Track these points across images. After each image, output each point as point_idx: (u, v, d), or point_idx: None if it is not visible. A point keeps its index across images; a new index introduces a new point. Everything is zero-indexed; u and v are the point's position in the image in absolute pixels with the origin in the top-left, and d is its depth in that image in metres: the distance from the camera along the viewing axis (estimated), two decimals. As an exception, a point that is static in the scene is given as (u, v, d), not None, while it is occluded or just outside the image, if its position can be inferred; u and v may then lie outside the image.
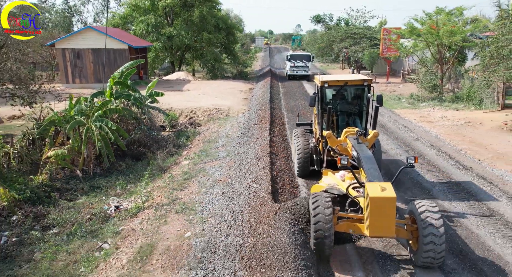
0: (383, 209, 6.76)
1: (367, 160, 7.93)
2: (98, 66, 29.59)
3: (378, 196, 6.75)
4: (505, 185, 11.22)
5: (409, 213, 7.62)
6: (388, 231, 6.92)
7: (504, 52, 16.11)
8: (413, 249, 7.43)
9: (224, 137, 17.30)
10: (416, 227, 7.21)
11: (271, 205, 8.95)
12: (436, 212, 6.98)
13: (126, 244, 9.07)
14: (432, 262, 6.97)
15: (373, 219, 6.84)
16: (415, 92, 27.06)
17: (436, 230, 6.74)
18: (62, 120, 15.41)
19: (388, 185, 7.00)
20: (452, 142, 15.80)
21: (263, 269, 6.59)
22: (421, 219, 6.95)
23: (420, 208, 7.10)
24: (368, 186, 7.06)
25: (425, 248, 6.83)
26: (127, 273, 7.74)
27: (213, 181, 11.95)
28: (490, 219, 9.21)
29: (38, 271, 8.47)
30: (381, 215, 6.78)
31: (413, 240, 7.45)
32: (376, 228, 6.91)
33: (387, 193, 6.78)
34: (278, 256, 7.12)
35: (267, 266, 6.78)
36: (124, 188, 13.56)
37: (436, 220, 6.84)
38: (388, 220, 6.82)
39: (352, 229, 7.56)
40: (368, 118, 10.57)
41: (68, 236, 10.10)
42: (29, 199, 12.27)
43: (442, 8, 25.74)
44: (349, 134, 9.69)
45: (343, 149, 9.70)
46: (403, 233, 7.48)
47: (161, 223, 9.77)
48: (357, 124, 10.80)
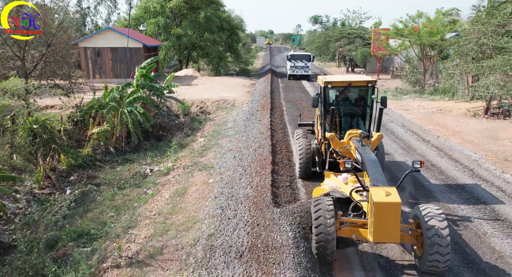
0: (387, 215, 6.61)
1: (372, 163, 7.71)
2: (116, 63, 32.94)
3: (383, 201, 6.58)
4: (451, 151, 14.57)
5: (414, 217, 7.47)
6: (393, 237, 6.76)
7: (463, 50, 19.44)
8: (418, 254, 7.28)
9: (232, 121, 20.63)
10: (421, 232, 7.06)
11: (271, 159, 12.32)
12: (441, 217, 6.89)
13: (165, 189, 12.42)
14: (437, 266, 6.82)
15: (377, 224, 6.69)
16: (400, 86, 30.40)
17: (441, 236, 6.65)
18: (99, 106, 18.72)
19: (393, 190, 6.83)
20: (421, 124, 19.13)
21: (265, 190, 9.95)
22: (426, 223, 6.85)
23: (425, 213, 7.00)
24: (372, 190, 6.84)
25: (430, 253, 6.73)
26: (170, 202, 11.09)
27: (226, 150, 15.27)
28: (432, 168, 12.54)
29: (104, 206, 11.80)
30: (386, 220, 6.63)
31: (418, 245, 7.29)
32: (380, 234, 6.75)
33: (391, 198, 6.62)
34: (276, 189, 10.48)
35: (267, 189, 10.16)
36: (152, 159, 16.86)
37: (442, 226, 6.74)
38: (392, 225, 6.67)
39: (355, 235, 7.38)
40: (372, 120, 10.39)
41: (118, 188, 13.43)
42: (81, 165, 15.56)
43: (422, 12, 29.10)
44: (352, 136, 9.45)
45: (346, 152, 9.54)
46: (408, 238, 7.31)
47: (189, 176, 13.09)
48: (361, 126, 10.60)
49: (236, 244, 7.72)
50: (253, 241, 7.64)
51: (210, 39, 40.09)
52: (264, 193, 9.80)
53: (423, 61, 30.60)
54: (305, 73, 36.32)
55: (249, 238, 7.80)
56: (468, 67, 18.97)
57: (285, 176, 11.60)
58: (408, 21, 30.66)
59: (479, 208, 9.92)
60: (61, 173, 15.11)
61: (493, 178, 11.85)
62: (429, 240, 6.68)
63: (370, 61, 43.60)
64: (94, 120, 18.75)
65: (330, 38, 48.17)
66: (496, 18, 18.79)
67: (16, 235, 9.82)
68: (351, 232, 7.39)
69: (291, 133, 16.86)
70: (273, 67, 51.39)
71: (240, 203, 9.66)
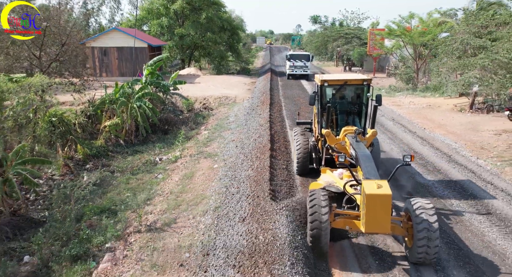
0: (378, 206, 6.88)
1: (365, 158, 8.02)
2: (121, 62, 34.34)
3: (374, 193, 6.86)
4: (434, 141, 16.00)
5: (405, 210, 7.73)
6: (384, 227, 7.04)
7: (448, 49, 20.85)
8: (408, 246, 7.55)
9: (234, 116, 22.04)
10: (412, 224, 7.33)
11: (270, 146, 13.73)
12: (431, 211, 7.16)
13: (175, 173, 13.82)
14: (426, 258, 7.14)
15: (369, 215, 6.97)
16: (393, 84, 31.81)
17: (431, 229, 6.95)
18: (109, 101, 20.12)
19: (384, 183, 7.11)
20: (410, 118, 20.54)
21: (264, 170, 11.37)
22: (416, 216, 7.13)
23: (416, 206, 7.30)
24: (365, 183, 7.14)
25: (419, 245, 7.03)
26: (180, 184, 12.50)
27: (228, 141, 16.68)
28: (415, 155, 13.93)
29: (120, 188, 13.20)
30: (377, 211, 6.90)
31: (409, 237, 7.55)
32: (372, 225, 7.03)
33: (383, 190, 6.90)
34: (274, 170, 11.89)
35: (266, 169, 11.57)
36: (160, 149, 18.26)
37: (432, 220, 7.02)
38: (383, 216, 6.94)
39: (348, 226, 7.67)
40: (367, 117, 10.63)
41: (132, 173, 14.83)
42: (95, 155, 16.94)
43: (414, 13, 30.52)
44: (347, 133, 9.73)
45: (341, 148, 9.79)
46: (399, 230, 7.61)
47: (196, 163, 14.50)
48: (356, 123, 10.82)
49: (239, 212, 9.14)
50: (253, 208, 9.05)
51: (212, 39, 41.48)
52: (263, 173, 11.22)
53: (416, 60, 32.01)
54: (304, 72, 36.76)
55: (250, 207, 9.22)
56: (453, 64, 20.38)
57: (282, 160, 13.02)
58: (401, 21, 32.09)
59: (450, 185, 11.37)
60: (77, 161, 16.52)
61: (467, 163, 13.27)
62: (419, 232, 6.99)
63: (367, 60, 45.02)
64: (106, 114, 20.18)
65: (328, 38, 49.59)
66: (479, 20, 20.19)
67: (49, 210, 11.23)
68: (345, 224, 7.70)
69: (288, 126, 18.27)
70: (273, 66, 52.79)
71: (242, 182, 11.08)
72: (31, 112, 16.31)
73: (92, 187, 11.73)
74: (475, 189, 11.11)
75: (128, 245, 8.89)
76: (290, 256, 7.07)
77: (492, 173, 12.25)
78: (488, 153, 14.10)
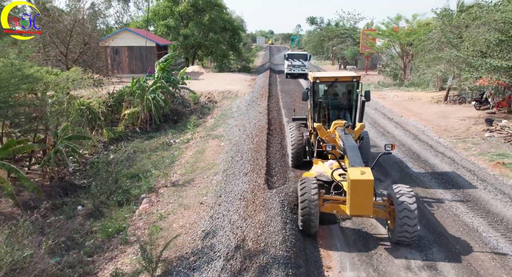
0: (362, 190, 7.46)
1: (351, 148, 8.74)
2: (132, 60, 37.18)
3: (358, 178, 7.44)
4: (407, 125, 18.86)
5: (388, 196, 8.36)
6: (366, 210, 7.66)
7: (426, 47, 23.68)
8: (390, 227, 8.20)
9: (236, 107, 24.86)
10: (393, 208, 7.94)
11: (267, 127, 16.58)
12: (410, 195, 7.80)
13: (188, 150, 16.65)
14: (406, 237, 7.77)
15: (353, 199, 7.56)
16: (382, 80, 34.65)
17: (410, 211, 7.56)
18: (128, 93, 22.94)
19: (367, 170, 7.70)
20: (390, 108, 23.37)
21: (262, 143, 14.21)
22: (398, 201, 7.72)
23: (397, 191, 7.91)
24: (350, 170, 7.76)
25: (400, 224, 7.63)
26: (194, 157, 15.32)
27: (232, 126, 19.50)
28: (387, 135, 16.76)
29: (143, 161, 16.02)
30: (360, 195, 7.48)
31: (391, 219, 8.19)
32: (356, 207, 7.63)
33: (366, 176, 7.48)
34: (270, 143, 14.73)
35: (264, 142, 14.42)
36: (173, 134, 21.06)
37: (411, 202, 7.66)
38: (366, 200, 7.53)
39: (336, 210, 8.29)
40: (357, 112, 11.22)
41: (151, 151, 17.65)
42: (117, 138, 19.75)
43: (401, 15, 33.40)
44: (337, 126, 10.37)
45: (331, 140, 10.46)
46: (382, 214, 8.23)
47: (205, 142, 17.32)
48: (347, 118, 11.44)
49: (243, 170, 11.98)
50: (254, 166, 11.90)
51: (214, 39, 44.32)
52: (261, 145, 14.06)
53: (403, 58, 34.84)
54: (302, 71, 37.57)
55: (251, 166, 12.06)
56: (427, 59, 23.22)
57: (277, 137, 15.88)
58: (389, 23, 34.93)
59: (409, 154, 14.29)
60: (103, 143, 19.37)
61: (430, 141, 16.11)
62: (400, 213, 7.61)
63: (360, 58, 47.83)
64: (125, 104, 23.01)
65: (324, 37, 52.40)
66: (452, 21, 22.99)
67: (86, 179, 14.07)
68: (333, 208, 8.35)
69: (284, 114, 21.10)
70: (272, 65, 55.58)
71: (245, 153, 13.91)
72: (66, 101, 19.18)
73: (125, 155, 14.52)
74: (428, 156, 13.99)
75: (158, 195, 11.73)
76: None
77: (447, 147, 15.10)
78: (449, 134, 16.95)
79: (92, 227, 10.35)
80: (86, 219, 10.91)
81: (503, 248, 8.11)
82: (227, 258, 7.09)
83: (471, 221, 9.27)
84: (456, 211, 9.79)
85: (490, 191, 10.95)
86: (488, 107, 21.17)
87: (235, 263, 6.79)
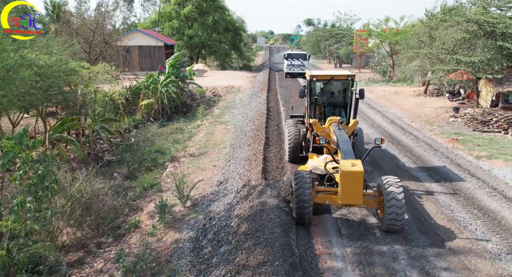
0: (352, 181, 7.84)
1: (343, 142, 9.12)
2: (142, 58, 40.25)
3: (349, 170, 7.83)
4: (386, 113, 21.91)
5: (377, 187, 8.70)
6: (357, 199, 8.07)
7: (407, 46, 26.72)
8: (380, 216, 8.63)
9: (239, 100, 27.91)
10: (382, 198, 8.32)
11: (266, 113, 19.65)
12: (398, 186, 8.15)
13: (200, 132, 19.70)
14: (395, 224, 8.17)
15: (344, 189, 7.94)
16: (372, 77, 37.71)
17: (398, 200, 7.96)
18: (144, 87, 25.98)
19: (358, 162, 8.07)
20: (376, 100, 26.40)
21: (262, 124, 17.26)
22: (386, 191, 8.09)
23: (386, 182, 8.27)
24: (342, 162, 8.14)
25: (388, 212, 8.05)
26: (205, 137, 18.36)
27: (236, 114, 22.54)
28: (368, 120, 19.79)
29: (162, 142, 19.05)
30: (351, 186, 7.86)
31: (380, 209, 8.61)
32: (347, 197, 8.03)
33: (356, 168, 7.86)
34: (268, 124, 17.79)
35: (263, 123, 17.47)
36: (184, 122, 24.10)
37: (398, 192, 8.04)
38: (356, 190, 7.93)
39: (328, 201, 8.68)
40: (352, 109, 11.58)
41: (168, 135, 20.70)
42: (135, 126, 22.80)
43: (389, 17, 36.46)
44: (332, 122, 10.79)
45: (326, 135, 10.79)
46: (372, 203, 8.64)
47: (214, 127, 20.36)
48: (342, 114, 11.85)
49: (246, 143, 15.04)
50: (255, 140, 14.95)
51: (217, 39, 47.39)
52: (261, 125, 17.12)
53: (391, 56, 37.89)
54: (301, 71, 37.77)
55: (253, 140, 15.12)
56: (408, 55, 26.26)
57: (274, 121, 18.96)
58: (379, 24, 37.99)
59: (383, 133, 17.34)
60: (124, 129, 22.41)
61: (403, 124, 19.16)
62: (388, 202, 8.02)
63: (354, 57, 50.88)
64: (141, 96, 26.07)
65: (321, 37, 55.39)
66: (432, 22, 26.02)
67: (115, 156, 17.13)
68: (325, 199, 8.75)
69: (281, 104, 24.15)
70: (272, 63, 58.61)
71: (248, 132, 16.97)
72: (93, 92, 22.24)
73: (146, 137, 17.63)
74: (398, 135, 17.09)
75: (180, 162, 14.79)
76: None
77: (415, 129, 18.18)
78: (420, 119, 20.01)
79: (130, 185, 13.41)
80: (124, 180, 13.97)
81: (432, 187, 11.16)
82: (238, 191, 10.14)
83: (417, 174, 12.33)
84: (413, 173, 12.83)
85: (440, 157, 14.01)
86: (459, 98, 24.21)
87: (243, 193, 9.84)
